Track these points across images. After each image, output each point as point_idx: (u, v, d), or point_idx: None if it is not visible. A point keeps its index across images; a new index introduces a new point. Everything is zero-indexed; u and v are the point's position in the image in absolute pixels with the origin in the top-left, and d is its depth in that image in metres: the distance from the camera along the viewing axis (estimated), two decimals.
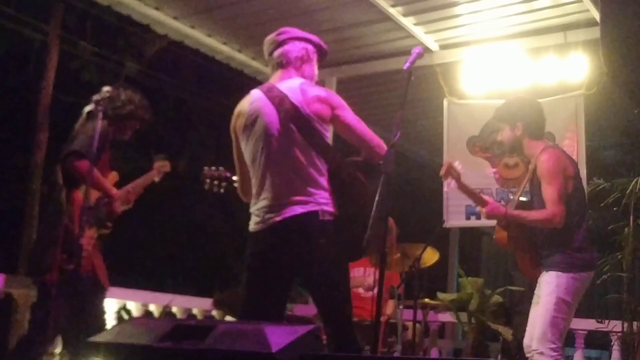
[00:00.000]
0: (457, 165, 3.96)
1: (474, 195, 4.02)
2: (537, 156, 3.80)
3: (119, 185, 4.07)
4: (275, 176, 3.06)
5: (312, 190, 3.04)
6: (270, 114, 3.09)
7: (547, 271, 3.74)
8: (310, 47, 3.31)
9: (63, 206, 3.70)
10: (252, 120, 3.12)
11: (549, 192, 3.68)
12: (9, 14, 10.29)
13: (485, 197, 3.97)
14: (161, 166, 4.32)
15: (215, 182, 3.60)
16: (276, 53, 3.24)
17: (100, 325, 3.79)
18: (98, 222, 3.86)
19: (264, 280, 3.08)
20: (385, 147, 3.05)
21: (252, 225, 3.12)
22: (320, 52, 3.39)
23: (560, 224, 3.66)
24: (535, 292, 3.84)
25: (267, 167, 3.08)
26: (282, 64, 3.23)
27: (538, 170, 3.76)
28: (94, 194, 3.79)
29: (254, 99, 3.17)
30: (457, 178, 3.93)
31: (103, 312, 4.02)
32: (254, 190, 3.14)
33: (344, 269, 3.16)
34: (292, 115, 3.05)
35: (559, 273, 3.67)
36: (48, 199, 3.86)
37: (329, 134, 3.16)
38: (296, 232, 3.01)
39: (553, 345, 3.61)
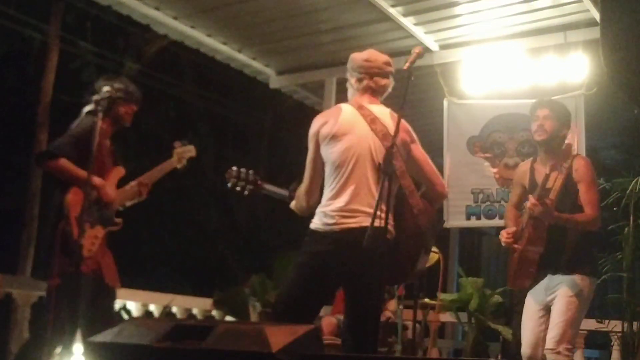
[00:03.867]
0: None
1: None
2: (574, 160, 3.86)
3: (126, 180, 3.98)
4: (357, 184, 3.19)
5: (383, 207, 3.12)
6: (364, 129, 3.26)
7: (568, 274, 3.74)
8: None
9: (58, 208, 3.63)
10: (344, 130, 3.26)
11: (590, 195, 3.78)
12: (9, 14, 10.29)
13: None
14: (183, 152, 4.17)
15: (241, 184, 3.57)
16: (382, 81, 3.41)
17: (111, 326, 3.73)
18: (102, 221, 3.76)
19: (317, 281, 3.18)
20: (446, 189, 3.34)
21: (320, 225, 3.21)
22: None
23: (599, 226, 3.80)
24: (543, 297, 3.81)
25: (353, 173, 3.21)
26: (377, 93, 3.41)
27: (577, 173, 3.80)
28: (94, 193, 3.70)
29: (345, 112, 3.33)
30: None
31: (113, 313, 3.94)
32: (330, 193, 3.24)
33: (383, 288, 3.35)
34: (383, 135, 3.23)
35: (585, 277, 3.74)
36: (49, 202, 3.81)
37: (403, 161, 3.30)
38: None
39: (569, 346, 3.64)
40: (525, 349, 3.84)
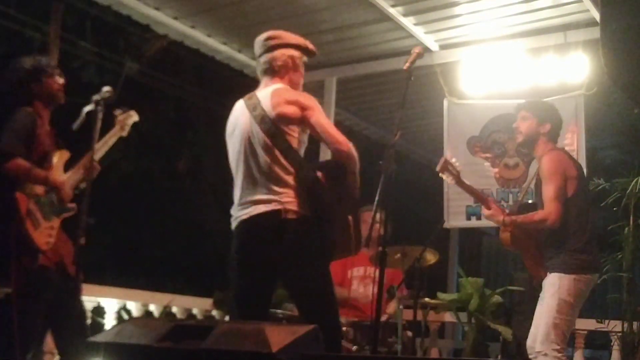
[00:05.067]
0: (455, 161, 4.04)
1: (475, 193, 4.07)
2: (540, 157, 3.87)
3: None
4: (244, 176, 3.24)
5: (277, 189, 3.15)
6: (246, 120, 3.27)
7: (550, 273, 3.76)
8: (297, 53, 3.38)
9: (7, 209, 3.52)
10: (233, 128, 3.34)
11: (546, 191, 3.75)
12: (9, 14, 10.28)
13: (489, 200, 4.02)
14: (125, 119, 3.98)
15: None
16: (263, 58, 3.35)
17: (76, 320, 3.64)
18: (55, 211, 3.64)
19: (241, 278, 3.27)
20: (349, 145, 3.18)
21: (232, 225, 3.32)
22: (308, 55, 3.45)
23: (556, 223, 3.69)
24: (540, 294, 3.86)
25: (239, 168, 3.27)
26: (268, 71, 3.34)
27: (540, 171, 3.84)
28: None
29: (236, 108, 3.39)
30: (456, 175, 3.99)
31: (81, 309, 3.83)
32: (234, 192, 3.33)
33: (318, 267, 3.19)
34: (260, 118, 3.20)
35: (562, 275, 3.70)
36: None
37: (296, 135, 3.24)
38: (259, 231, 3.16)
39: (557, 347, 3.62)
40: (527, 341, 3.87)
